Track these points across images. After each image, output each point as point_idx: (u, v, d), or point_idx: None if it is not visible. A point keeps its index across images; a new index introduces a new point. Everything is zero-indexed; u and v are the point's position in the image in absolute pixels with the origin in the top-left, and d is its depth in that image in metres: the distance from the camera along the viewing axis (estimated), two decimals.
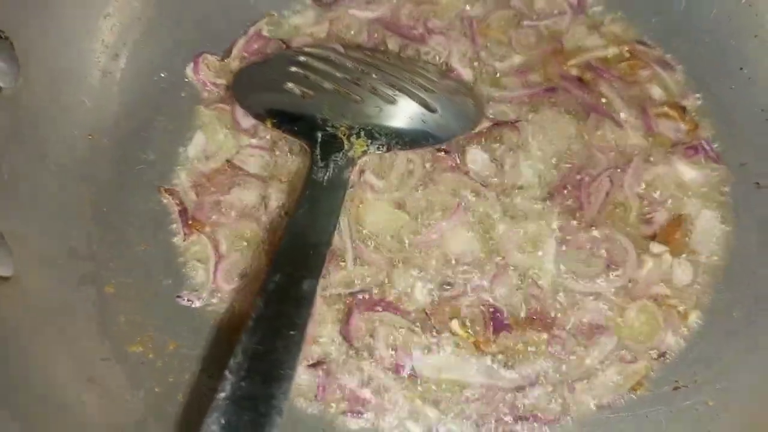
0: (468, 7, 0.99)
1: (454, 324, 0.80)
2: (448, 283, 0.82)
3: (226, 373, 0.61)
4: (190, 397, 0.77)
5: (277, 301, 0.66)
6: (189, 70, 0.96)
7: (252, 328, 0.64)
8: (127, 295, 0.84)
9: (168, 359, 0.81)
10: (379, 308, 0.81)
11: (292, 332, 0.64)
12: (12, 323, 0.70)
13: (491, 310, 0.80)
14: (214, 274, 0.84)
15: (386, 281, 0.82)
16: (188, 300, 0.85)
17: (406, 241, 0.84)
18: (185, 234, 0.87)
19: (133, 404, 0.76)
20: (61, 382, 0.72)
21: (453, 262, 0.83)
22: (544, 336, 0.79)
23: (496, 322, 0.79)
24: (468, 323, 0.80)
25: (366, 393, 0.78)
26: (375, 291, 0.82)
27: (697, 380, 0.79)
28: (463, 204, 0.85)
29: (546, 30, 0.97)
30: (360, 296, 0.81)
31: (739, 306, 0.82)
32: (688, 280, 0.83)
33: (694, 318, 0.82)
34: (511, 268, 0.83)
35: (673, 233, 0.84)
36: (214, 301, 0.85)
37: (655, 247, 0.84)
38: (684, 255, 0.84)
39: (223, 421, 0.58)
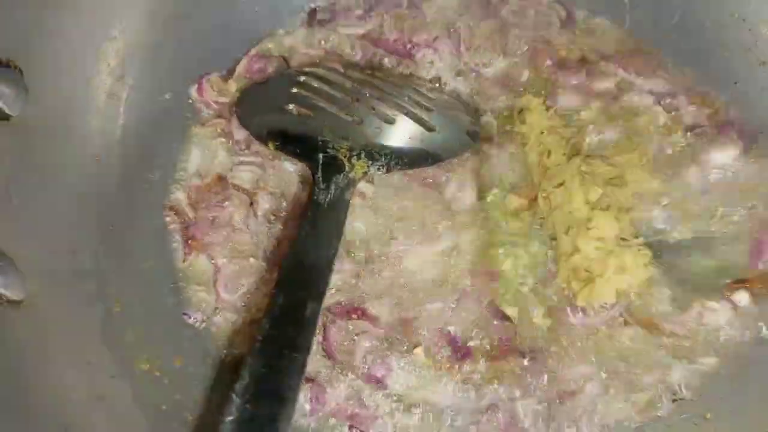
0: (455, 19, 1.00)
1: (418, 351, 0.81)
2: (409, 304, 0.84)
3: (233, 395, 0.63)
4: (199, 417, 0.78)
5: (282, 323, 0.68)
6: (193, 91, 0.98)
7: (258, 350, 0.66)
8: (133, 313, 0.85)
9: (174, 377, 0.83)
10: (355, 316, 0.82)
11: (295, 354, 0.66)
12: (24, 345, 0.72)
13: (451, 337, 0.82)
14: (215, 288, 0.86)
15: (358, 286, 0.84)
16: (194, 318, 0.87)
17: (375, 251, 0.86)
18: (185, 254, 0.89)
19: (142, 422, 0.78)
20: (71, 401, 0.73)
21: (416, 283, 0.85)
22: (517, 365, 0.81)
23: (457, 349, 0.81)
24: (431, 350, 0.82)
25: (354, 406, 0.80)
26: (343, 300, 0.83)
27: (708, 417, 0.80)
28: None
29: (534, 41, 0.99)
30: (335, 307, 0.83)
31: None
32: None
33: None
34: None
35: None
36: (218, 319, 0.87)
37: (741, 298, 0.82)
38: None
39: None
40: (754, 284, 0.82)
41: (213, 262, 0.89)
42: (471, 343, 0.82)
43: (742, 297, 0.82)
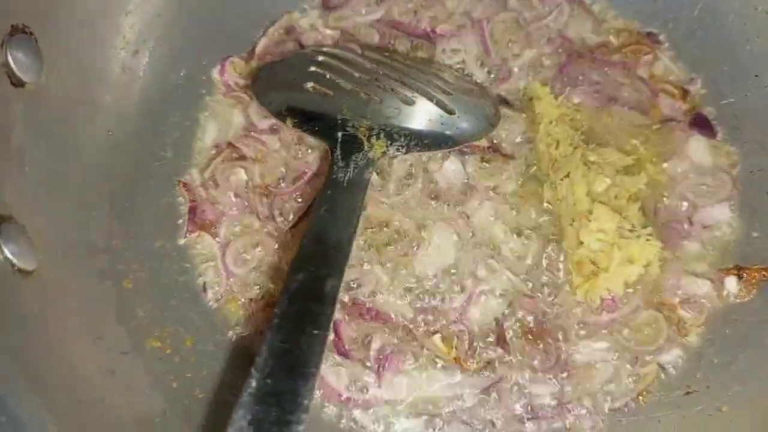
0: (472, 9, 0.99)
1: (437, 338, 0.81)
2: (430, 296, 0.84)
3: (252, 370, 0.62)
4: (210, 394, 0.77)
5: (300, 299, 0.67)
6: (215, 73, 0.97)
7: (276, 326, 0.65)
8: (144, 290, 0.85)
9: (185, 355, 0.82)
10: (368, 317, 0.83)
11: (315, 330, 0.65)
12: (36, 316, 0.71)
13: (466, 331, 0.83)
14: (223, 264, 0.86)
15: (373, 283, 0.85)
16: (205, 297, 0.86)
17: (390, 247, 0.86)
18: (189, 231, 0.89)
19: (153, 398, 0.77)
20: (84, 374, 0.72)
21: (432, 276, 0.85)
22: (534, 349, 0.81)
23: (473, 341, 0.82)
24: (450, 339, 0.82)
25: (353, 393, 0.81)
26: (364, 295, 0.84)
27: (709, 386, 0.80)
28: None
29: (551, 27, 0.98)
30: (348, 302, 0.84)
31: (753, 312, 0.83)
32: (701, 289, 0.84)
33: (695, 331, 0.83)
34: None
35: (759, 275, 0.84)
36: (228, 297, 0.86)
37: (732, 284, 0.84)
38: None
39: (249, 417, 0.59)
40: (750, 274, 0.82)
41: (217, 240, 0.89)
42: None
43: (731, 284, 0.83)
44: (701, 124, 0.92)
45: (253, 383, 0.61)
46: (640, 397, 0.80)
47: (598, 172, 0.84)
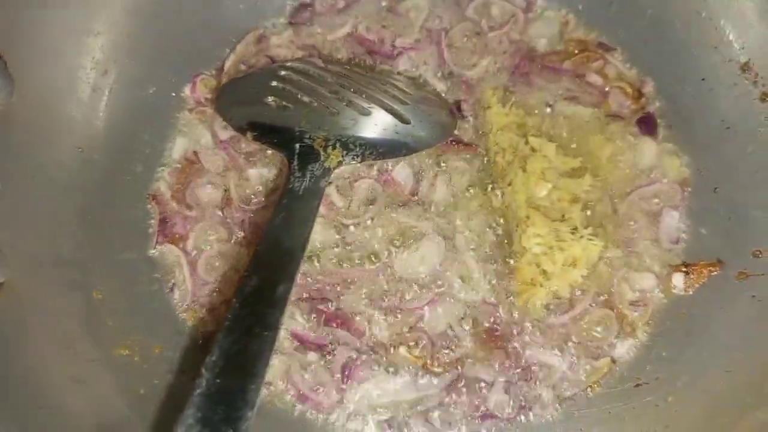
0: (431, 20, 1.03)
1: (402, 350, 0.85)
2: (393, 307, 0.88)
3: (203, 370, 0.65)
4: (169, 397, 0.80)
5: (252, 302, 0.70)
6: (187, 90, 1.00)
7: (228, 328, 0.68)
8: (114, 300, 0.87)
9: (153, 362, 0.85)
10: (334, 325, 0.86)
11: (266, 332, 0.68)
12: (3, 326, 0.74)
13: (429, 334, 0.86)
14: (193, 273, 0.90)
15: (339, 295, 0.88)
16: (173, 306, 0.89)
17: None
18: (158, 242, 0.92)
19: (119, 405, 0.79)
20: (49, 382, 0.75)
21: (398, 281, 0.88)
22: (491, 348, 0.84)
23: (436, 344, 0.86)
24: (413, 347, 0.85)
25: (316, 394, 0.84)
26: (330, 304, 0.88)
27: (658, 377, 0.82)
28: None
29: (508, 37, 1.02)
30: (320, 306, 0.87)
31: (699, 307, 0.86)
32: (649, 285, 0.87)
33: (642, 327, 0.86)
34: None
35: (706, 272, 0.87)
36: (196, 306, 0.89)
37: (679, 280, 0.87)
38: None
39: (199, 415, 0.62)
40: (697, 270, 0.85)
41: (187, 251, 0.92)
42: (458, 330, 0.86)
43: (678, 280, 0.87)
44: (648, 124, 0.95)
45: (204, 383, 0.64)
46: (590, 389, 0.83)
47: (539, 177, 0.87)
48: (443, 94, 0.98)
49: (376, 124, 0.88)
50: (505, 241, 0.88)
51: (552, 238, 0.84)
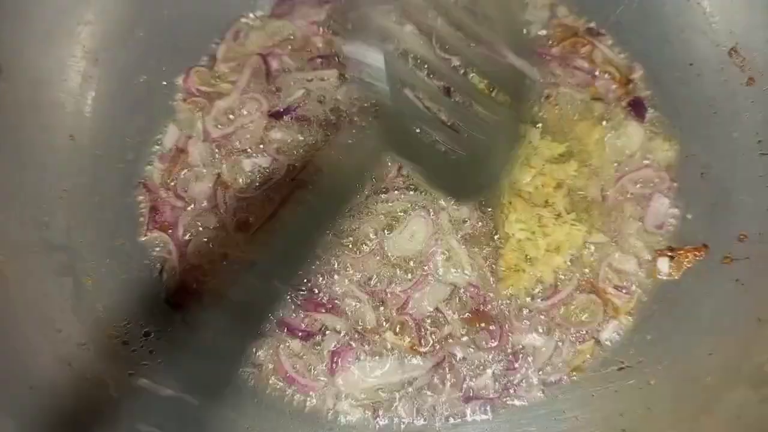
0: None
1: (389, 335, 0.85)
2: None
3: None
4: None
5: (252, 292, 0.69)
6: (179, 80, 1.00)
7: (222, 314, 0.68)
8: (104, 286, 0.88)
9: (143, 345, 0.86)
10: (323, 310, 0.86)
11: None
12: None
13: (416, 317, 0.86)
14: (181, 260, 0.90)
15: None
16: (165, 293, 0.90)
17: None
18: (149, 229, 0.93)
19: (107, 387, 0.80)
20: (38, 364, 0.76)
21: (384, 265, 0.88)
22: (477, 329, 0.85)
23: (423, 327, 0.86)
24: (401, 330, 0.86)
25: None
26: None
27: (641, 360, 0.83)
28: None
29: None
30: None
31: (684, 291, 0.86)
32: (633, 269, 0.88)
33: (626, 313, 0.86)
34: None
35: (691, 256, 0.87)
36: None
37: (663, 265, 0.87)
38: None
39: None
40: (683, 255, 0.85)
41: (173, 235, 0.92)
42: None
43: (663, 264, 0.87)
44: (636, 109, 0.95)
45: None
46: (574, 373, 0.83)
47: (524, 163, 0.87)
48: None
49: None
50: (492, 225, 0.89)
51: (535, 224, 0.84)
